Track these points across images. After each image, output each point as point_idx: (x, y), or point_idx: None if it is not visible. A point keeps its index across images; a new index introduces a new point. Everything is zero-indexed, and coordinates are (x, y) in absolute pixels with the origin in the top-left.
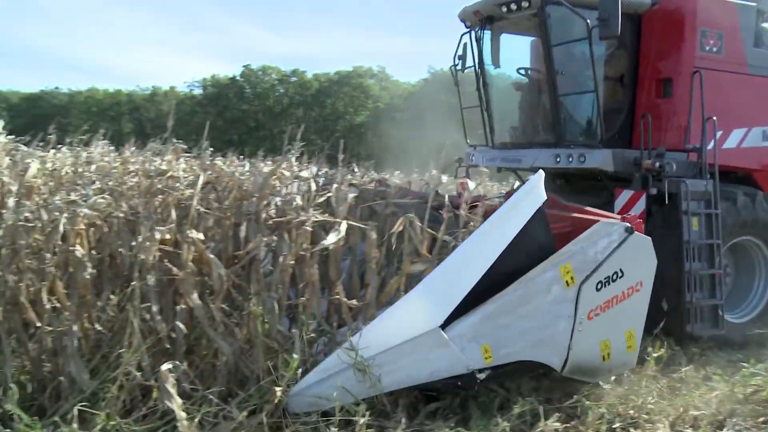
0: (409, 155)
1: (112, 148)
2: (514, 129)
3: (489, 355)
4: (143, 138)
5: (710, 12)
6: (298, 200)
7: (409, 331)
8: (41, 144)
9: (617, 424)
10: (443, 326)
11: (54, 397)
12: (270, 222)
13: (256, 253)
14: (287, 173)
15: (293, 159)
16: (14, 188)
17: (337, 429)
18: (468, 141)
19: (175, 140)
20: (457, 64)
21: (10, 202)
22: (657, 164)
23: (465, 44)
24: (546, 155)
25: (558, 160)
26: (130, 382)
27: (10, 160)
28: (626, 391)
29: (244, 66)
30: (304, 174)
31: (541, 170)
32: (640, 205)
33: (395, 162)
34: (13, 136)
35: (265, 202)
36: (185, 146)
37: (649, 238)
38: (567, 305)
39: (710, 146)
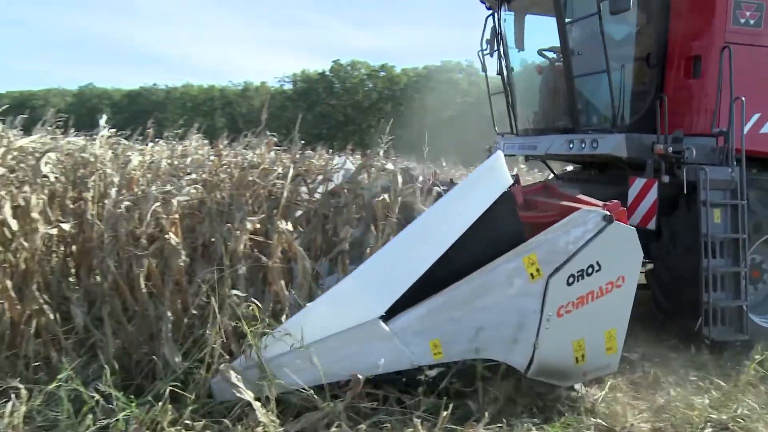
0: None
1: (205, 141)
2: (535, 115)
3: (439, 351)
4: (235, 132)
5: None
6: (385, 196)
7: (347, 320)
8: (140, 138)
9: (708, 430)
10: (387, 317)
11: (150, 377)
12: (357, 216)
13: (343, 245)
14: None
15: (381, 153)
16: (116, 179)
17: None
18: (496, 129)
19: (267, 134)
20: (485, 49)
21: (112, 192)
22: (670, 149)
23: (492, 28)
24: (560, 141)
25: (571, 146)
26: (217, 365)
27: (113, 152)
28: (721, 397)
29: (333, 61)
30: (389, 167)
31: (499, 150)
32: (653, 195)
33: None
34: (114, 131)
35: (353, 196)
36: (276, 139)
37: (633, 228)
38: (532, 300)
39: (746, 130)
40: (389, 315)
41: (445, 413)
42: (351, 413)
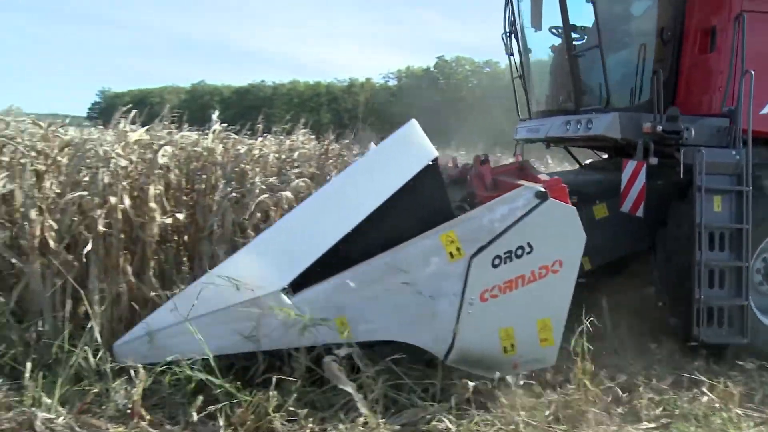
0: None
1: (312, 136)
2: (546, 97)
3: (346, 329)
4: (341, 127)
5: None
6: None
7: (245, 293)
8: (249, 132)
9: None
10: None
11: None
12: None
13: None
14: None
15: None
16: (226, 171)
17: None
18: (519, 115)
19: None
20: (511, 31)
21: (221, 184)
22: (659, 128)
23: (512, 7)
24: (558, 123)
25: (568, 127)
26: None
27: (223, 146)
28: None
29: (437, 57)
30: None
31: (413, 120)
32: (641, 179)
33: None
34: (225, 125)
35: None
36: (381, 135)
37: (573, 207)
38: (452, 281)
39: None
40: (295, 289)
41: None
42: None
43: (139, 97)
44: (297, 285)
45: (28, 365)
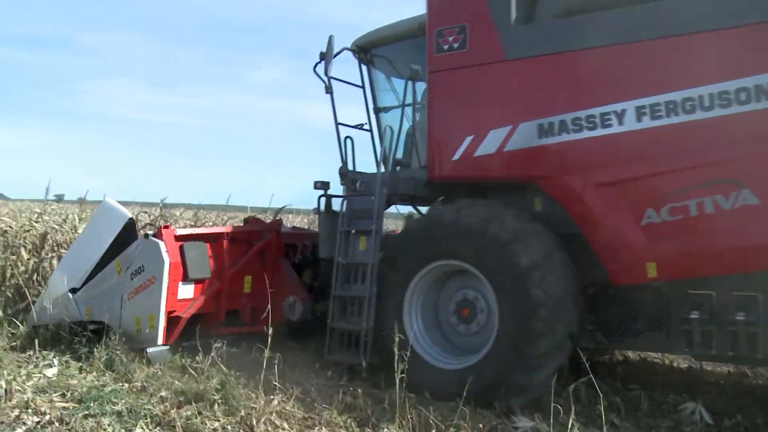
0: None
1: None
2: None
3: (90, 312)
4: None
5: (446, 8)
6: None
7: (60, 288)
8: None
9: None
10: (76, 290)
11: None
12: None
13: None
14: None
15: None
16: None
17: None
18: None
19: None
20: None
21: None
22: (319, 183)
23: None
24: None
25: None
26: None
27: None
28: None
29: None
30: None
31: (108, 198)
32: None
33: None
34: None
35: None
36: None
37: (158, 242)
38: (122, 286)
39: (456, 156)
40: (73, 291)
41: None
42: None
43: None
44: (74, 289)
45: None
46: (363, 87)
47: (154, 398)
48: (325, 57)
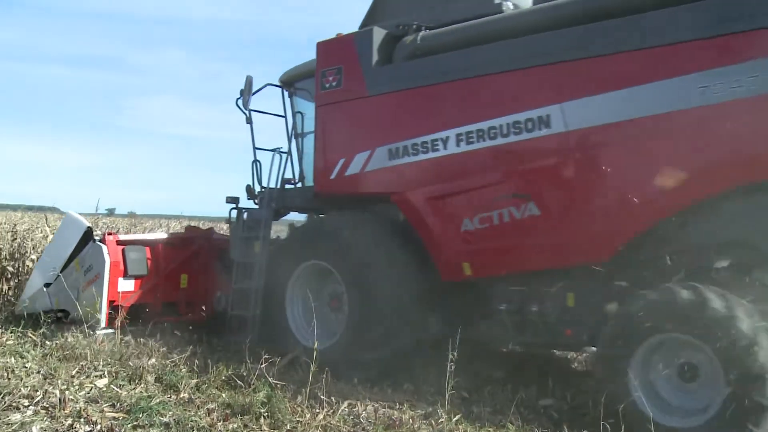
0: None
1: None
2: None
3: (58, 303)
4: None
5: (328, 52)
6: None
7: (38, 283)
8: None
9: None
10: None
11: None
12: None
13: None
14: None
15: None
16: None
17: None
18: None
19: None
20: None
21: None
22: (230, 198)
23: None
24: None
25: None
26: None
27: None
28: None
29: None
30: None
31: (70, 212)
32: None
33: None
34: None
35: None
36: None
37: (101, 246)
38: (78, 281)
39: (332, 176)
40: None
41: None
42: None
43: None
44: (47, 284)
45: None
46: (285, 116)
47: (201, 410)
48: (244, 93)
